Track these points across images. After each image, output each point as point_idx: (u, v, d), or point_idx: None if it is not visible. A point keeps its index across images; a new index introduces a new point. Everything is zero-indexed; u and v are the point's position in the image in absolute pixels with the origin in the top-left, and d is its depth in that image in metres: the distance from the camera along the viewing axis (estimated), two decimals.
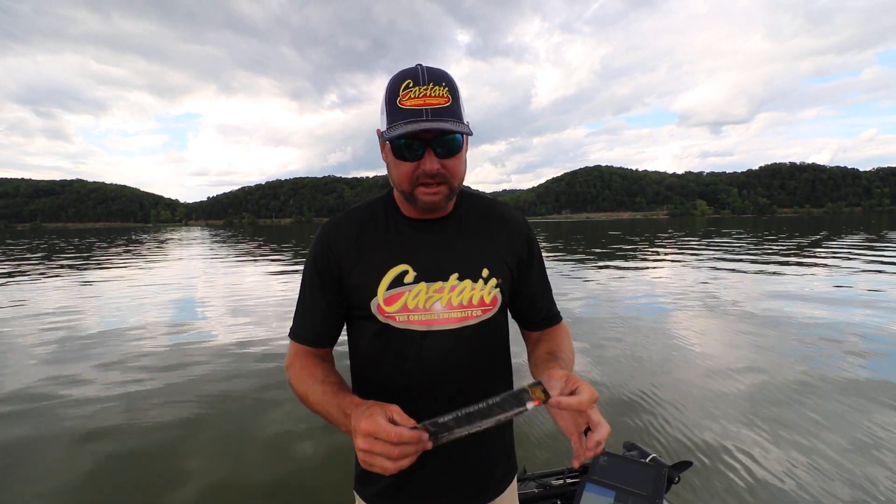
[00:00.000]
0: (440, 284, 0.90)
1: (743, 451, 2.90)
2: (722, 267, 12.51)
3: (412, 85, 0.79)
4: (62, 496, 2.62)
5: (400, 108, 0.79)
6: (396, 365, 0.89)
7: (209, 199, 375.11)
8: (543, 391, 0.69)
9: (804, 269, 11.69)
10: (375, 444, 0.66)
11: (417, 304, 0.89)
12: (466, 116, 0.87)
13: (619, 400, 3.72)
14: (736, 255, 15.85)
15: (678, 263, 13.79)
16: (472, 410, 0.68)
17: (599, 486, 0.91)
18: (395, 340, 0.90)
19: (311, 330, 0.95)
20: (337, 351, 0.99)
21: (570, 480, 1.42)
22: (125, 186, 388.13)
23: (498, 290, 0.94)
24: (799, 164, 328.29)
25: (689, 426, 3.25)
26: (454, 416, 0.68)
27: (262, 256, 19.27)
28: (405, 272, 0.89)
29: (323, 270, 0.93)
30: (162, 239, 41.71)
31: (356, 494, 1.01)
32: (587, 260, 15.55)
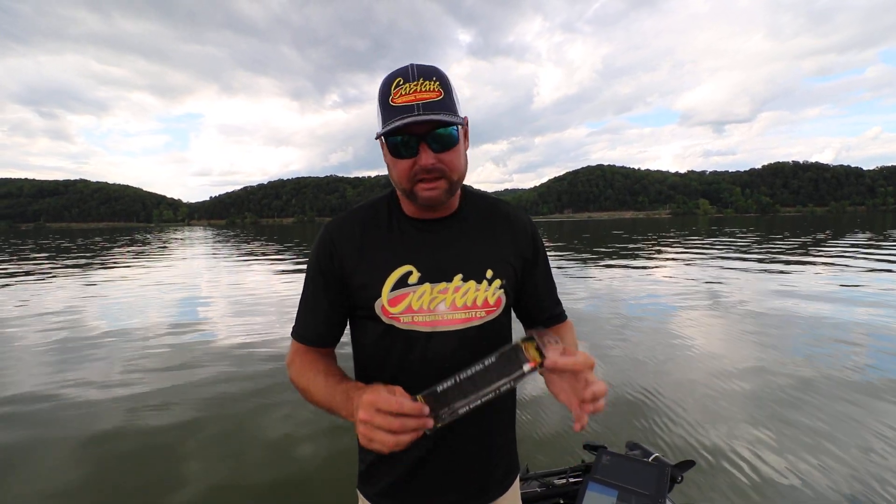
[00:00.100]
0: (444, 285, 0.89)
1: (747, 450, 2.88)
2: (726, 266, 12.45)
3: (402, 82, 0.79)
4: (64, 497, 2.61)
5: (392, 106, 0.80)
6: (401, 365, 0.89)
7: (211, 198, 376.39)
8: (537, 349, 0.69)
9: (809, 267, 11.62)
10: (376, 415, 0.66)
11: (422, 304, 0.88)
12: (464, 112, 0.86)
13: (622, 399, 3.70)
14: (741, 253, 15.77)
15: (682, 262, 13.73)
16: (469, 374, 0.68)
17: (602, 485, 0.90)
18: (399, 341, 0.90)
19: (313, 330, 0.95)
20: (340, 353, 0.99)
21: (572, 480, 1.41)
22: (128, 186, 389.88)
23: (502, 291, 0.93)
24: (802, 162, 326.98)
25: (692, 425, 3.23)
26: (452, 381, 0.68)
27: (263, 256, 19.26)
28: (409, 273, 0.89)
29: (326, 270, 0.92)
30: (166, 239, 41.79)
31: (359, 493, 1.01)
32: (590, 259, 15.50)
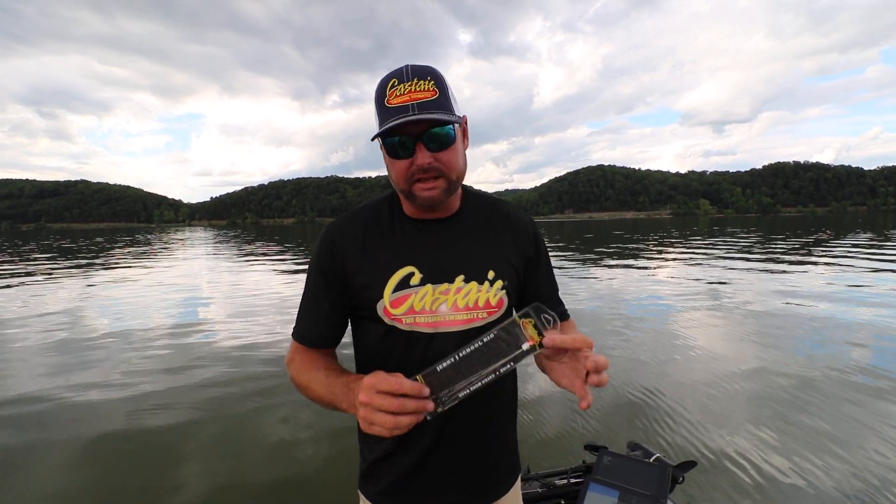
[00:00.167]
0: (446, 286, 0.90)
1: (748, 450, 2.86)
2: (728, 266, 12.46)
3: (397, 83, 0.80)
4: (64, 498, 2.61)
5: (387, 107, 0.80)
6: (402, 366, 0.86)
7: (212, 199, 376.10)
8: (535, 326, 0.68)
9: (811, 267, 11.62)
10: (375, 396, 0.66)
11: (424, 305, 0.89)
12: (464, 112, 0.86)
13: (623, 399, 3.70)
14: (742, 253, 15.77)
15: (684, 262, 13.74)
16: (468, 351, 0.68)
17: (603, 485, 0.90)
18: (401, 342, 0.90)
19: (314, 330, 0.95)
20: (341, 354, 0.99)
21: (573, 480, 1.41)
22: (129, 187, 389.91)
23: (504, 291, 0.93)
24: (803, 162, 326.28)
25: (693, 426, 3.23)
26: (452, 359, 0.68)
27: (264, 256, 19.27)
28: (411, 274, 0.89)
29: (327, 271, 0.93)
30: (167, 239, 41.81)
31: (360, 493, 1.02)
32: (592, 259, 15.50)
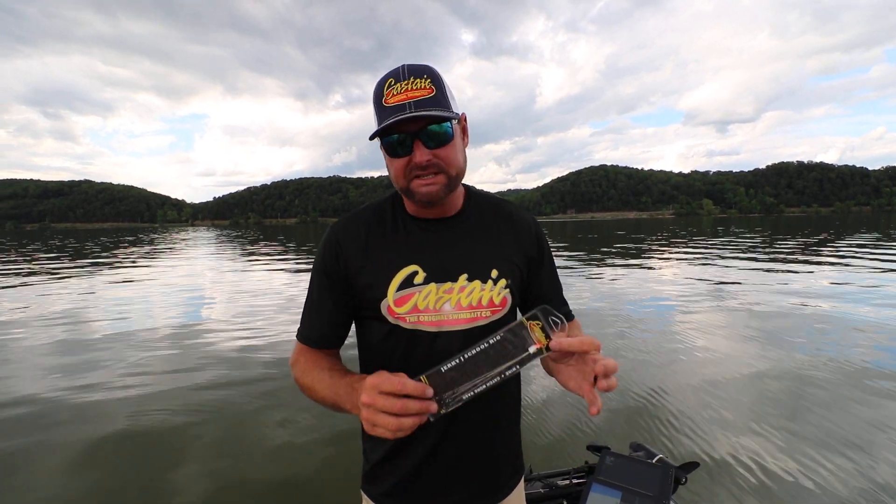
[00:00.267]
0: (449, 285, 0.90)
1: (752, 451, 2.85)
2: (733, 266, 12.42)
3: (394, 83, 0.80)
4: (65, 500, 2.61)
5: (385, 106, 0.81)
6: (405, 366, 0.87)
7: (215, 199, 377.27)
8: (542, 329, 0.67)
9: (816, 267, 11.55)
10: (378, 397, 0.66)
11: (428, 304, 0.89)
12: (467, 111, 0.87)
13: (626, 400, 3.69)
14: (747, 253, 15.71)
15: (687, 262, 13.69)
16: (473, 353, 0.67)
17: (606, 486, 0.90)
18: (404, 341, 0.90)
19: (318, 330, 0.95)
20: (344, 356, 0.99)
21: (576, 481, 1.41)
22: (132, 187, 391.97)
23: (507, 290, 0.93)
24: (807, 162, 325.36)
25: (696, 426, 3.21)
26: (456, 360, 0.67)
27: (267, 256, 19.30)
28: (415, 273, 0.89)
29: (331, 271, 0.93)
30: (172, 239, 41.93)
31: (363, 494, 1.01)
32: (594, 259, 15.45)
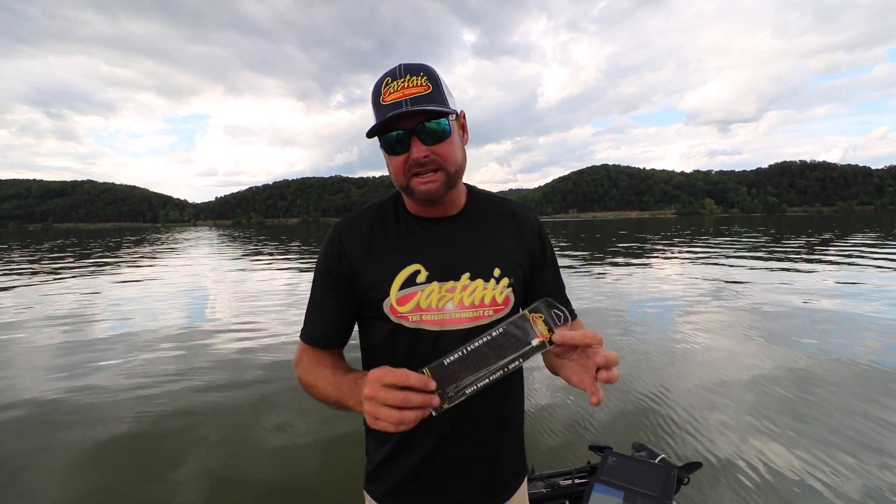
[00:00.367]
0: (452, 284, 0.90)
1: (755, 451, 2.84)
2: (736, 265, 12.39)
3: (391, 81, 0.81)
4: (67, 500, 2.60)
5: (382, 105, 0.81)
6: (407, 365, 0.85)
7: (217, 199, 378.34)
8: (545, 322, 0.67)
9: (819, 266, 11.49)
10: (380, 390, 0.66)
11: (430, 303, 0.89)
12: (467, 111, 0.88)
13: (628, 400, 3.68)
14: (750, 252, 15.67)
15: (690, 262, 13.66)
16: (476, 345, 0.68)
17: (608, 486, 0.90)
18: (406, 340, 0.90)
19: (321, 330, 0.95)
20: (348, 357, 0.98)
21: (578, 481, 1.41)
22: (135, 187, 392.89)
23: (510, 289, 0.93)
24: (809, 162, 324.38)
25: (698, 426, 3.21)
26: (459, 353, 0.68)
27: (270, 256, 19.33)
28: (417, 272, 0.89)
29: (334, 271, 0.93)
30: (173, 239, 42.01)
31: (366, 494, 1.01)
32: (597, 259, 15.44)
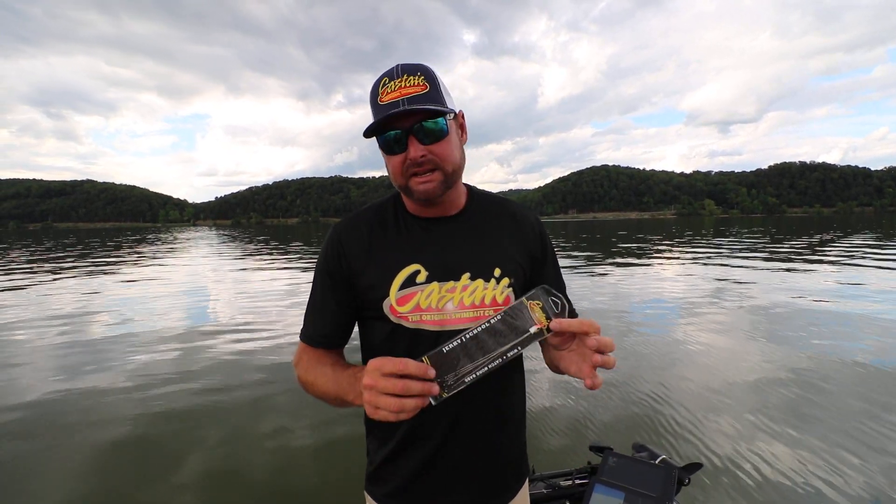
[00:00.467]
0: (452, 284, 0.89)
1: (756, 452, 2.84)
2: (736, 265, 12.41)
3: (388, 81, 0.82)
4: (66, 502, 2.58)
5: (380, 105, 0.82)
6: None
7: (217, 199, 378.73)
8: (543, 309, 0.68)
9: (819, 266, 11.51)
10: (380, 379, 0.66)
11: (430, 303, 0.88)
12: (467, 111, 0.89)
13: (628, 400, 3.68)
14: (751, 253, 15.69)
15: (690, 262, 13.68)
16: (474, 333, 0.68)
17: (609, 486, 0.91)
18: (406, 340, 0.89)
19: (321, 330, 0.95)
20: (348, 357, 0.98)
21: (578, 481, 1.41)
22: (135, 187, 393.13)
23: (511, 289, 0.93)
24: (809, 163, 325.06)
25: (699, 427, 3.21)
26: (458, 341, 0.68)
27: (270, 256, 19.35)
28: (417, 272, 0.89)
29: (334, 271, 0.93)
30: (175, 239, 42.02)
31: (367, 494, 1.01)
32: (598, 259, 15.44)
